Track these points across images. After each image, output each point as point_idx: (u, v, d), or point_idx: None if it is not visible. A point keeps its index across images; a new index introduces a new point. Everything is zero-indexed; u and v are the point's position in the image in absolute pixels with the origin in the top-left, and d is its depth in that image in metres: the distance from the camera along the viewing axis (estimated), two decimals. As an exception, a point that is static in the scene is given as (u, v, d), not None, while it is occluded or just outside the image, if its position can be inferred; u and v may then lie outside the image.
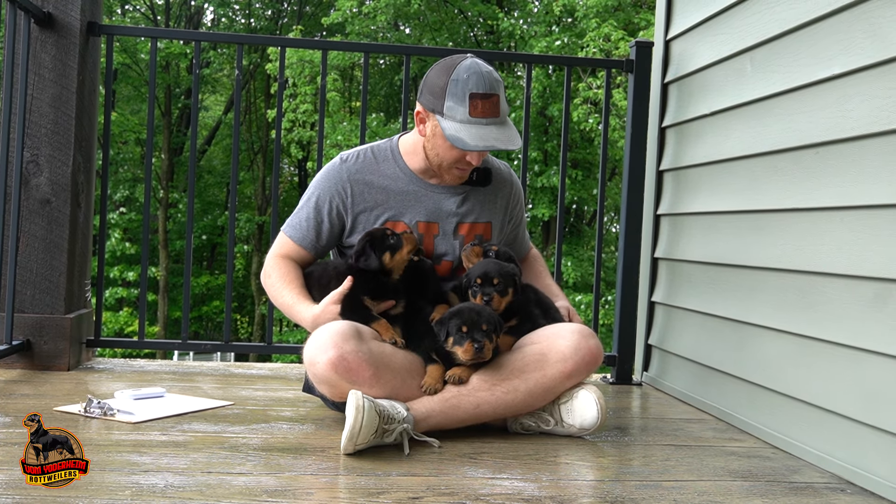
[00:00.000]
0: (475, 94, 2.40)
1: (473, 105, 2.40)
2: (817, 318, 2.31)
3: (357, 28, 15.96)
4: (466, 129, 2.41)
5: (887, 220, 2.05)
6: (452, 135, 2.41)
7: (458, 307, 2.33)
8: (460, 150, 2.46)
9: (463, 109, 2.41)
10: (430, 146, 2.53)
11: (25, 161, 3.06)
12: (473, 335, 2.26)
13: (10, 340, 2.96)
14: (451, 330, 2.28)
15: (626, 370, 3.45)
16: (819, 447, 2.26)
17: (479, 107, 2.41)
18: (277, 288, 2.54)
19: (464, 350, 2.27)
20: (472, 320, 2.27)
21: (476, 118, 2.41)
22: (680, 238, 3.25)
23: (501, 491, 1.88)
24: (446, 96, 2.43)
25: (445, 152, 2.49)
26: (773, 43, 2.62)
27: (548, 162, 15.36)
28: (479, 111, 2.41)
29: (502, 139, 2.42)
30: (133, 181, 19.60)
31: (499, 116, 2.44)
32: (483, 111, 2.41)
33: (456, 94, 2.41)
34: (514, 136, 2.45)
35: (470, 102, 2.40)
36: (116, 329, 17.65)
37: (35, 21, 3.05)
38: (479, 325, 2.27)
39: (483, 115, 2.41)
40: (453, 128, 2.42)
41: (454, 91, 2.42)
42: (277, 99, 3.48)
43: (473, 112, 2.41)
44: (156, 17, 21.61)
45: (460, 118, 2.41)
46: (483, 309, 2.32)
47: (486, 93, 2.41)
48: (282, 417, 2.51)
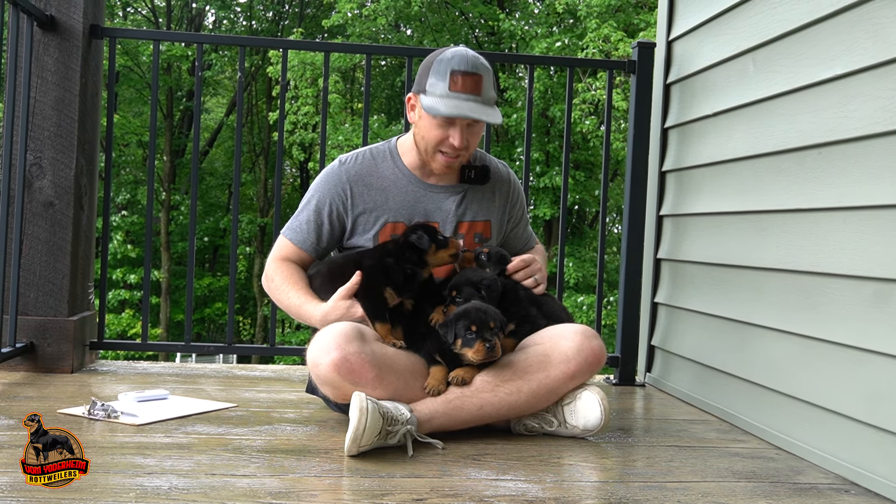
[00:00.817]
0: (456, 71, 2.43)
1: (454, 80, 2.43)
2: (821, 319, 2.31)
3: (358, 30, 15.98)
4: (444, 101, 2.43)
5: (890, 220, 2.04)
6: (429, 105, 2.44)
7: (464, 308, 2.32)
8: (443, 130, 2.46)
9: (443, 84, 2.44)
10: (417, 131, 2.56)
11: (29, 164, 3.06)
12: (483, 335, 2.26)
13: (14, 343, 2.96)
14: (459, 331, 2.28)
15: (630, 371, 3.45)
16: (823, 448, 2.26)
17: (459, 82, 2.43)
18: (283, 290, 2.54)
19: (475, 350, 2.27)
20: (481, 320, 2.27)
21: (455, 92, 2.43)
22: (683, 239, 3.25)
23: (505, 492, 1.88)
24: (429, 74, 2.47)
25: (428, 132, 2.50)
26: (776, 43, 2.62)
27: (549, 163, 15.37)
28: (458, 86, 2.43)
29: (477, 111, 2.43)
30: (135, 183, 19.62)
31: (480, 95, 2.45)
32: (463, 86, 2.43)
33: (439, 71, 2.45)
34: (493, 113, 2.46)
35: (450, 78, 2.43)
36: (119, 331, 17.67)
37: (38, 24, 3.05)
38: (488, 325, 2.27)
39: (463, 90, 2.43)
40: (431, 101, 2.44)
41: (437, 69, 2.46)
42: (280, 101, 3.48)
43: (453, 86, 2.43)
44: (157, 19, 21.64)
45: (440, 92, 2.44)
46: (489, 308, 2.32)
47: (468, 70, 2.44)
48: (285, 419, 2.51)
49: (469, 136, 2.50)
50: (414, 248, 2.41)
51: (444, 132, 2.47)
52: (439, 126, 2.47)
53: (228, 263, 4.12)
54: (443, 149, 2.51)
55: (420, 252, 2.41)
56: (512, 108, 14.59)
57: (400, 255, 2.42)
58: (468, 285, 2.42)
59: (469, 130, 2.49)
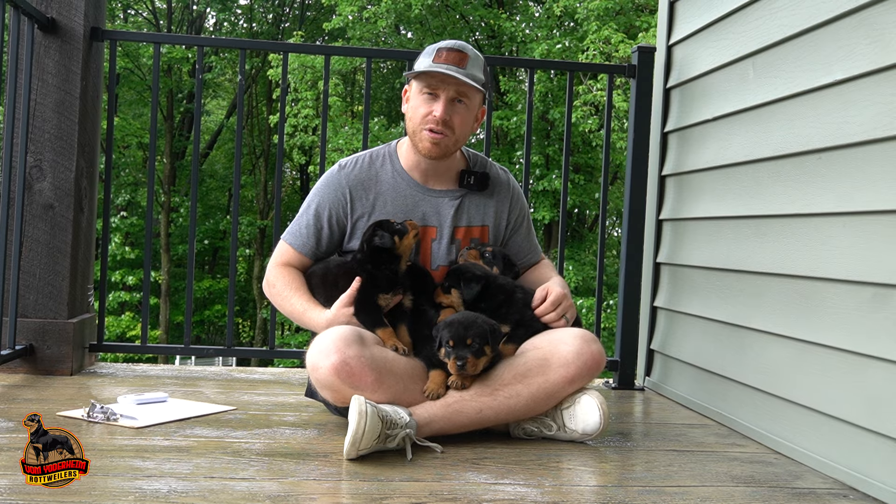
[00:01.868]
0: (441, 48, 2.52)
1: (438, 54, 2.51)
2: (819, 324, 2.31)
3: (358, 33, 15.99)
4: (425, 67, 2.50)
5: (889, 225, 2.05)
6: (414, 71, 2.52)
7: (451, 319, 2.33)
8: (427, 106, 2.51)
9: (428, 60, 2.52)
10: (407, 116, 2.60)
11: (29, 166, 3.06)
12: (458, 351, 2.26)
13: (13, 345, 2.96)
14: (442, 341, 2.29)
15: (629, 375, 3.45)
16: (822, 453, 2.26)
17: (443, 55, 2.51)
18: (285, 297, 2.55)
19: (449, 365, 2.29)
20: (459, 335, 2.27)
21: (437, 63, 2.50)
22: (682, 243, 3.25)
23: (504, 496, 1.88)
24: (419, 58, 2.56)
25: (415, 111, 2.55)
26: (776, 48, 2.62)
27: (549, 166, 15.37)
28: (442, 59, 2.50)
29: (455, 71, 2.48)
30: (135, 185, 19.63)
31: (463, 68, 2.50)
32: (447, 59, 2.50)
33: (426, 52, 2.55)
34: (474, 77, 2.51)
35: (435, 53, 2.52)
36: (118, 333, 17.66)
37: (38, 27, 3.05)
38: (465, 341, 2.26)
39: (445, 61, 2.50)
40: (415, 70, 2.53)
41: (426, 51, 2.56)
42: (280, 103, 3.49)
43: (437, 59, 2.51)
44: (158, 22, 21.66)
45: (424, 66, 2.51)
46: (474, 321, 2.30)
47: (452, 48, 2.52)
48: (284, 422, 2.51)
49: (453, 113, 2.52)
50: (381, 249, 2.42)
51: (428, 107, 2.52)
52: (424, 102, 2.52)
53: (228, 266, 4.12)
54: (427, 126, 2.53)
55: (388, 250, 2.43)
56: (512, 112, 14.61)
57: (374, 260, 2.43)
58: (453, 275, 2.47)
59: (453, 107, 2.52)
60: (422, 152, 2.57)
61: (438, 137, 2.53)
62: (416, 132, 2.55)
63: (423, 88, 2.52)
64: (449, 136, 2.54)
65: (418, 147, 2.57)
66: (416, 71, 2.52)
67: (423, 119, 2.52)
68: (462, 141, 2.61)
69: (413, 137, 2.57)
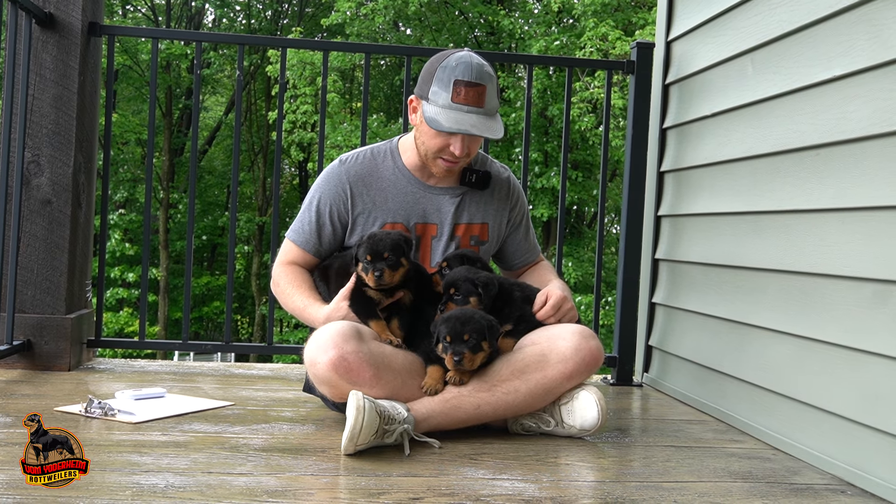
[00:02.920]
0: (459, 81, 2.41)
1: (457, 91, 2.41)
2: (818, 320, 2.31)
3: (357, 29, 15.97)
4: (445, 112, 2.42)
5: (888, 221, 2.05)
6: (431, 117, 2.42)
7: (449, 314, 2.32)
8: (443, 138, 2.46)
9: (446, 94, 2.42)
10: (418, 134, 2.55)
11: (26, 161, 3.06)
12: (455, 347, 2.26)
13: (11, 341, 2.96)
14: (439, 337, 2.29)
15: (627, 371, 3.45)
16: (819, 448, 2.26)
17: (461, 93, 2.41)
18: (288, 294, 2.56)
19: (446, 361, 2.29)
20: (456, 331, 2.26)
21: (458, 104, 2.41)
22: (681, 239, 3.25)
23: (502, 492, 1.88)
24: (433, 81, 2.45)
25: (429, 139, 2.49)
26: (775, 44, 2.62)
27: (548, 163, 15.36)
28: (461, 98, 2.41)
29: (479, 126, 2.41)
30: (133, 182, 19.60)
31: (482, 107, 2.44)
32: (466, 98, 2.41)
33: (442, 79, 2.43)
34: (494, 127, 2.45)
35: (454, 88, 2.41)
36: (117, 329, 17.64)
37: (36, 21, 3.05)
38: (462, 336, 2.26)
39: (465, 101, 2.41)
40: (433, 111, 2.43)
41: (441, 77, 2.44)
42: (278, 100, 3.48)
43: (456, 98, 2.41)
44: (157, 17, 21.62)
45: (442, 103, 2.43)
46: (471, 317, 2.29)
47: (472, 81, 2.42)
48: (282, 418, 2.51)
49: (470, 143, 2.49)
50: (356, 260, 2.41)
51: (445, 141, 2.47)
52: (439, 135, 2.46)
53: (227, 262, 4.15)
54: (443, 156, 2.51)
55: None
56: (511, 108, 14.59)
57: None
58: (466, 282, 2.42)
59: (470, 140, 2.48)
60: (434, 174, 2.57)
61: (454, 166, 2.54)
62: (428, 156, 2.52)
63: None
64: (464, 162, 2.55)
65: (431, 169, 2.56)
66: (434, 121, 2.41)
67: (438, 150, 2.49)
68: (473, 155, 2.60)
69: (425, 159, 2.55)
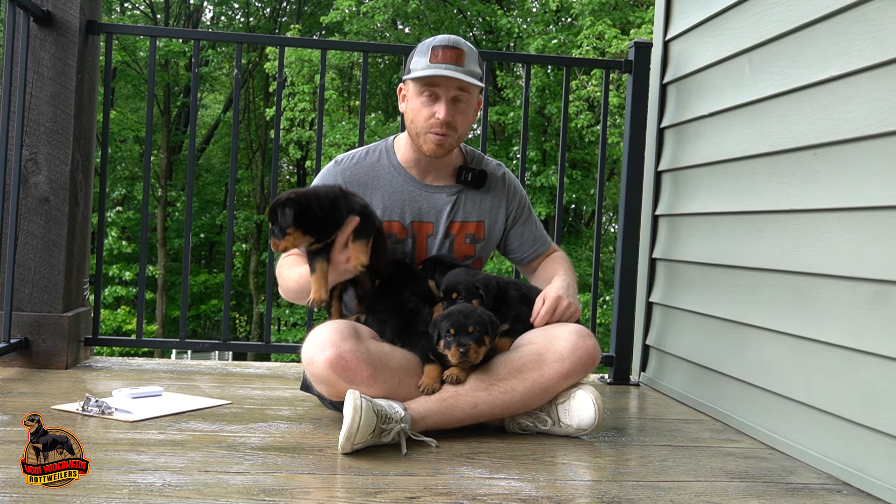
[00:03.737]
0: (437, 46, 2.51)
1: (434, 54, 2.50)
2: (815, 320, 2.32)
3: (356, 28, 15.96)
4: (424, 71, 2.49)
5: (885, 221, 2.05)
6: (411, 76, 2.50)
7: (450, 310, 2.33)
8: (428, 108, 2.50)
9: (425, 60, 2.51)
10: (407, 117, 2.59)
11: (24, 159, 3.06)
12: (460, 339, 2.26)
13: (9, 339, 2.96)
14: (441, 332, 2.29)
15: (624, 370, 3.45)
16: (816, 448, 2.27)
17: (439, 55, 2.49)
18: (286, 276, 2.56)
19: (451, 353, 2.28)
20: (460, 323, 2.27)
21: (435, 63, 2.49)
22: (678, 239, 3.26)
23: (498, 491, 1.88)
24: (414, 56, 2.55)
25: (416, 113, 2.53)
26: (772, 44, 2.62)
27: (546, 162, 15.35)
28: (439, 58, 2.49)
29: (455, 71, 2.47)
30: (131, 179, 19.59)
31: (461, 66, 2.50)
32: (444, 58, 2.49)
33: (420, 51, 2.54)
34: (471, 73, 2.51)
35: (431, 52, 2.50)
36: (114, 327, 17.64)
37: (34, 19, 3.04)
38: (466, 328, 2.27)
39: (443, 60, 2.49)
40: (413, 74, 2.51)
41: (420, 49, 2.54)
42: (276, 98, 3.48)
43: (433, 59, 2.49)
44: (155, 15, 21.60)
45: (422, 67, 2.50)
46: (473, 311, 2.31)
47: (448, 45, 2.51)
48: (279, 416, 2.51)
49: (455, 112, 2.52)
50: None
51: (430, 109, 2.50)
52: (424, 104, 2.51)
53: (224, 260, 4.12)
54: (431, 128, 2.52)
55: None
56: (509, 107, 14.60)
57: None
58: (467, 286, 2.43)
59: (454, 107, 2.51)
60: (426, 153, 2.57)
61: (443, 139, 2.54)
62: (419, 134, 2.55)
63: (423, 90, 2.51)
64: (452, 135, 2.55)
65: (423, 148, 2.57)
66: (414, 75, 2.50)
67: (426, 122, 2.52)
68: (464, 137, 2.62)
69: (416, 139, 2.57)
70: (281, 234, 2.32)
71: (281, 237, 2.33)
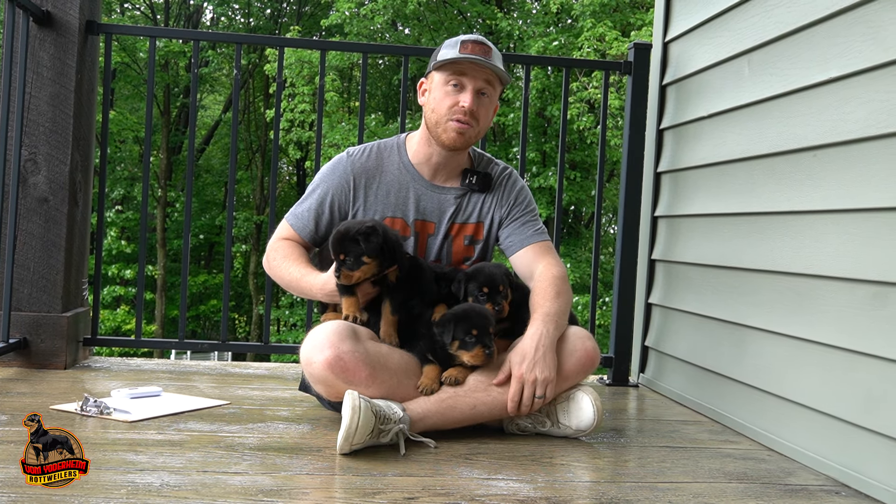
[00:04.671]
0: (466, 40, 2.53)
1: (464, 46, 2.52)
2: (814, 321, 2.32)
3: (356, 29, 15.97)
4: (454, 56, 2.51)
5: (885, 223, 2.05)
6: (440, 62, 2.52)
7: (463, 310, 2.33)
8: (453, 97, 2.51)
9: (453, 51, 2.51)
10: (428, 108, 2.58)
11: (23, 159, 3.06)
12: (484, 340, 2.29)
13: (7, 338, 2.96)
14: (457, 334, 2.29)
15: (623, 372, 3.45)
16: (814, 450, 2.27)
17: (468, 47, 2.51)
18: (282, 267, 2.55)
19: (473, 355, 2.29)
20: (483, 325, 2.30)
21: (464, 53, 2.50)
22: (677, 240, 3.26)
23: (497, 492, 1.88)
24: (440, 51, 2.56)
25: (440, 102, 2.54)
26: (772, 45, 2.62)
27: (546, 163, 15.36)
28: (468, 50, 2.51)
29: (485, 59, 2.50)
30: (131, 180, 19.59)
31: (490, 58, 2.52)
32: (472, 50, 2.51)
33: (449, 44, 2.56)
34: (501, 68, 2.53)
35: (460, 46, 2.52)
36: (113, 327, 17.63)
37: (34, 19, 3.04)
38: (488, 330, 2.30)
39: (472, 52, 2.51)
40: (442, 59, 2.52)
41: (448, 43, 2.56)
42: (276, 99, 3.48)
43: (463, 51, 2.51)
44: (155, 16, 21.61)
45: (451, 56, 2.51)
46: (482, 311, 2.33)
47: (477, 40, 2.53)
48: (278, 417, 2.51)
49: (479, 105, 2.53)
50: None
51: (455, 97, 2.52)
52: (449, 94, 2.51)
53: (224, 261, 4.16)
54: (454, 116, 2.52)
55: None
56: (509, 108, 14.60)
57: None
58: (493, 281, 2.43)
59: (479, 99, 2.52)
60: (446, 143, 2.56)
61: (465, 128, 2.53)
62: (440, 122, 2.55)
63: (450, 79, 2.52)
64: (474, 126, 2.55)
65: (441, 138, 2.56)
66: (444, 59, 2.51)
67: (449, 110, 2.52)
68: (482, 133, 2.63)
69: (436, 128, 2.56)
70: (356, 265, 2.29)
71: (356, 267, 2.29)
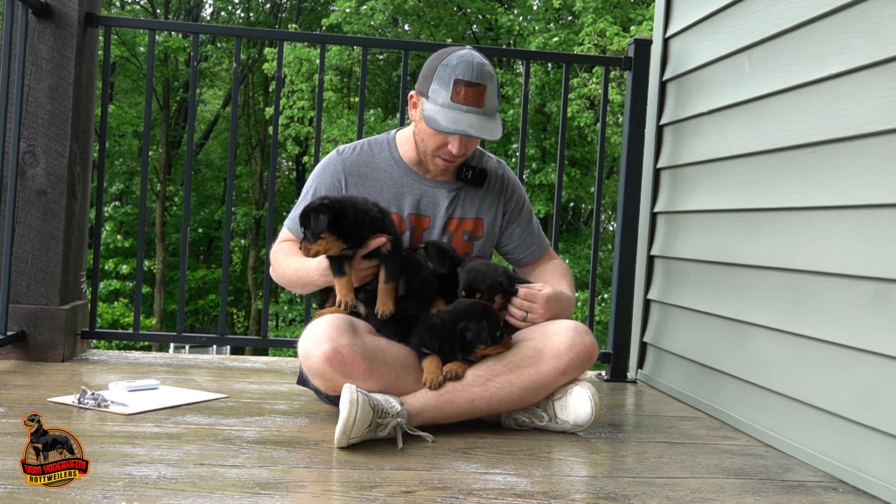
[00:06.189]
0: (459, 80, 2.40)
1: (456, 90, 2.40)
2: (813, 318, 2.32)
3: (356, 27, 15.96)
4: (444, 112, 2.41)
5: (884, 219, 2.05)
6: (430, 116, 2.42)
7: (483, 308, 2.35)
8: (441, 137, 2.45)
9: (446, 93, 2.41)
10: (417, 131, 2.55)
11: (22, 152, 3.05)
12: (508, 330, 2.41)
13: (5, 331, 2.95)
14: (491, 330, 2.32)
15: (621, 367, 3.45)
16: (812, 446, 2.27)
17: (461, 93, 2.40)
18: (283, 263, 2.55)
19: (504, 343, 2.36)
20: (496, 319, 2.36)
21: (457, 103, 2.40)
22: (676, 236, 3.26)
23: (494, 486, 1.88)
24: (433, 79, 2.44)
25: (428, 137, 2.49)
26: (772, 41, 2.62)
27: (545, 159, 15.35)
28: (461, 97, 2.40)
29: (477, 127, 2.41)
30: (129, 174, 19.58)
31: (482, 107, 2.42)
32: (465, 98, 2.40)
33: (442, 77, 2.42)
34: (493, 128, 2.44)
35: (454, 88, 2.40)
36: (112, 321, 17.64)
37: (33, 11, 3.04)
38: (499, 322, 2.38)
39: (465, 101, 2.40)
40: (432, 110, 2.42)
41: (441, 75, 2.43)
42: (275, 94, 3.47)
43: (455, 97, 2.40)
44: (155, 9, 21.58)
45: (441, 101, 2.42)
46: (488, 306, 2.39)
47: (472, 81, 2.40)
48: (276, 410, 2.51)
49: (467, 143, 2.49)
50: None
51: (443, 140, 2.46)
52: (438, 134, 2.46)
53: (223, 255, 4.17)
54: (441, 155, 2.51)
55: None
56: (508, 105, 14.59)
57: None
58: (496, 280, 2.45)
59: (468, 140, 2.48)
60: (432, 170, 2.58)
61: (451, 164, 2.55)
62: (426, 153, 2.53)
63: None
64: (460, 161, 2.56)
65: (428, 166, 2.57)
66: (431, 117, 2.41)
67: (436, 148, 2.49)
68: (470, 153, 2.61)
69: (423, 156, 2.55)
70: (313, 239, 2.32)
71: (313, 241, 2.33)
